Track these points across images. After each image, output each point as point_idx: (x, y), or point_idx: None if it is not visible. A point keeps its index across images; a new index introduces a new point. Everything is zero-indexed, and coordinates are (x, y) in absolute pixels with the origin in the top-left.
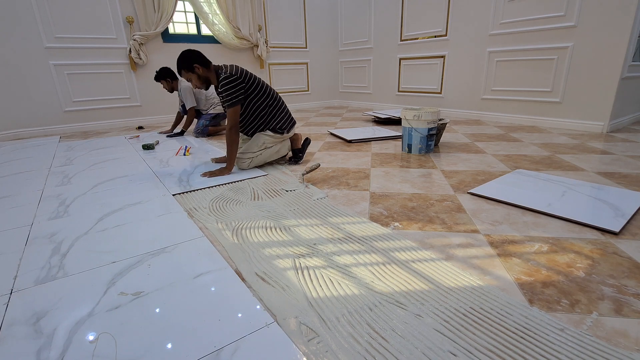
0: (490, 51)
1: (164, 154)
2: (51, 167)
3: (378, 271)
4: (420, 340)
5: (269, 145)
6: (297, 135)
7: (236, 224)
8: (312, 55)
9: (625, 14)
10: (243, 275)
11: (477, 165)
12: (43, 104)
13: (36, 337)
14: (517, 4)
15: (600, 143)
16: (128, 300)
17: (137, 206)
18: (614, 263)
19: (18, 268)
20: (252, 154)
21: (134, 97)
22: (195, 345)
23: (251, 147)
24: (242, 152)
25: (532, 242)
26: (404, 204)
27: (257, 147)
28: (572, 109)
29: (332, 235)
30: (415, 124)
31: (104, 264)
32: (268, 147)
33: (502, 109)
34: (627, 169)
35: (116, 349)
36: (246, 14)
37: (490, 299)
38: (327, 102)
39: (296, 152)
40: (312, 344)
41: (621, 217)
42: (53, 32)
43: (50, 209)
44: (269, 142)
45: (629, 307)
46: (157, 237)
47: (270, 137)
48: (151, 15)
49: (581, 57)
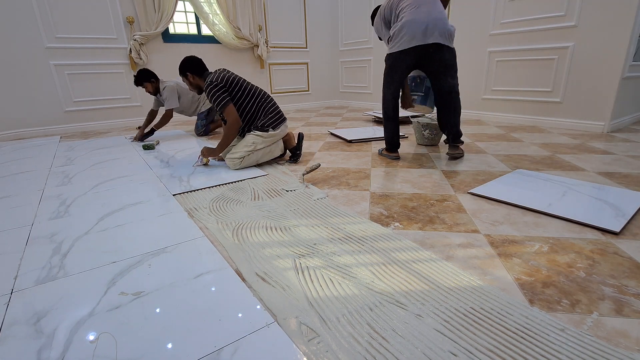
0: (491, 51)
1: (164, 154)
2: (52, 167)
3: (378, 271)
4: (421, 340)
5: (260, 146)
6: (290, 134)
7: (236, 224)
8: (312, 55)
9: (625, 14)
10: (243, 275)
11: (478, 165)
12: (43, 104)
13: (37, 337)
14: (517, 3)
15: (600, 143)
16: (128, 300)
17: (137, 206)
18: (614, 263)
19: (18, 268)
20: (244, 153)
21: (134, 97)
22: (196, 345)
23: (240, 147)
24: (232, 152)
25: (532, 242)
26: (404, 204)
27: (246, 147)
28: (573, 108)
29: (332, 235)
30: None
31: (104, 264)
32: (259, 148)
33: (502, 109)
34: (628, 169)
35: (116, 349)
36: (246, 14)
37: (490, 299)
38: (327, 102)
39: (293, 151)
40: (312, 344)
41: (622, 217)
42: (54, 32)
43: (51, 209)
44: (259, 142)
45: (629, 307)
46: (157, 237)
47: (259, 137)
48: (151, 16)
49: (582, 57)
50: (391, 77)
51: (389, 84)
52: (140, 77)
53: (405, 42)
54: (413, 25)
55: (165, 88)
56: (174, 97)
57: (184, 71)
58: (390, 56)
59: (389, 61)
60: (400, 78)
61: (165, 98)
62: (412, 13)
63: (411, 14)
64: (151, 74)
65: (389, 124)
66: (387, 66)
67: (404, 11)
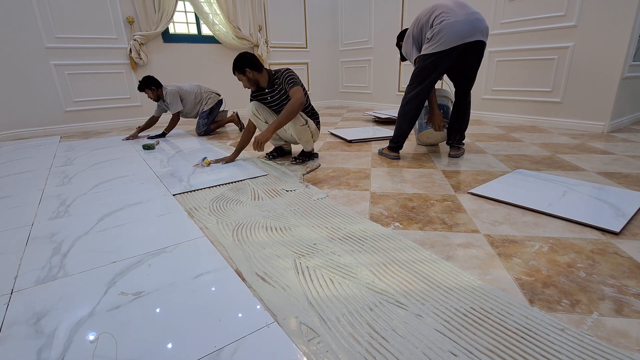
0: (491, 51)
1: (164, 154)
2: (52, 167)
3: (378, 271)
4: (421, 340)
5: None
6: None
7: (236, 224)
8: (313, 55)
9: (625, 14)
10: (243, 275)
11: (478, 165)
12: (44, 104)
13: (37, 337)
14: (517, 4)
15: (600, 143)
16: (128, 300)
17: (137, 206)
18: (614, 263)
19: (18, 268)
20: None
21: (134, 97)
22: (196, 345)
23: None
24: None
25: (532, 242)
26: (404, 204)
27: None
28: (573, 109)
29: (332, 235)
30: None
31: (104, 263)
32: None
33: (502, 109)
34: (628, 169)
35: (116, 349)
36: (246, 14)
37: (490, 299)
38: (328, 102)
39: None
40: (312, 344)
41: (622, 217)
42: (54, 32)
43: (51, 209)
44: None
45: (629, 307)
46: (157, 237)
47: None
48: (151, 16)
49: (581, 57)
50: (423, 78)
51: (418, 84)
52: (141, 84)
53: (447, 42)
54: (457, 25)
55: (167, 93)
56: (177, 100)
57: (242, 67)
58: (428, 56)
59: (425, 61)
60: (435, 79)
61: (169, 103)
62: (454, 15)
63: (453, 16)
64: (152, 82)
65: (405, 123)
66: (422, 66)
67: (440, 17)
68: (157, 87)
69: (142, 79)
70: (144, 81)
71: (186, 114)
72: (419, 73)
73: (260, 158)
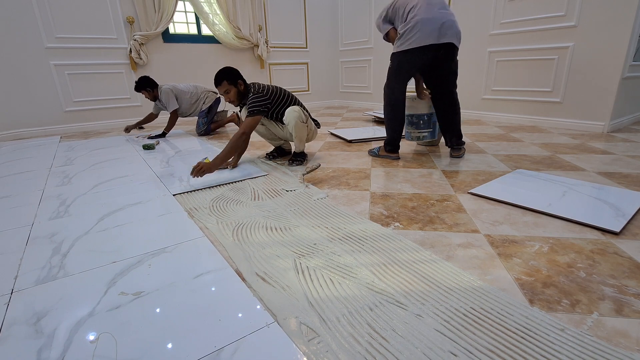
0: (491, 51)
1: (164, 154)
2: (52, 167)
3: (378, 271)
4: (421, 341)
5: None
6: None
7: (236, 224)
8: (313, 55)
9: (625, 14)
10: (243, 275)
11: (478, 165)
12: (43, 104)
13: (37, 337)
14: (517, 3)
15: (600, 143)
16: (128, 300)
17: (137, 206)
18: (614, 263)
19: (19, 268)
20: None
21: (134, 97)
22: (196, 345)
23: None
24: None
25: (532, 242)
26: (404, 204)
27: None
28: (573, 109)
29: (332, 235)
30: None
31: (104, 263)
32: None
33: (502, 109)
34: (628, 169)
35: (116, 349)
36: (246, 14)
37: (490, 299)
38: (328, 102)
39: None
40: (312, 344)
41: (622, 217)
42: (54, 32)
43: (51, 209)
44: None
45: (629, 307)
46: (157, 237)
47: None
48: (151, 16)
49: (581, 57)
50: (397, 77)
51: (395, 83)
52: (137, 85)
53: (418, 40)
54: (428, 23)
55: (162, 93)
56: (172, 99)
57: (234, 78)
58: (399, 54)
59: (397, 59)
60: (407, 78)
61: (165, 102)
62: (426, 12)
63: (425, 13)
64: (147, 83)
65: (395, 123)
66: (395, 65)
67: (414, 10)
68: (153, 87)
69: (138, 80)
70: (139, 82)
71: (183, 112)
72: (394, 72)
73: (260, 158)
